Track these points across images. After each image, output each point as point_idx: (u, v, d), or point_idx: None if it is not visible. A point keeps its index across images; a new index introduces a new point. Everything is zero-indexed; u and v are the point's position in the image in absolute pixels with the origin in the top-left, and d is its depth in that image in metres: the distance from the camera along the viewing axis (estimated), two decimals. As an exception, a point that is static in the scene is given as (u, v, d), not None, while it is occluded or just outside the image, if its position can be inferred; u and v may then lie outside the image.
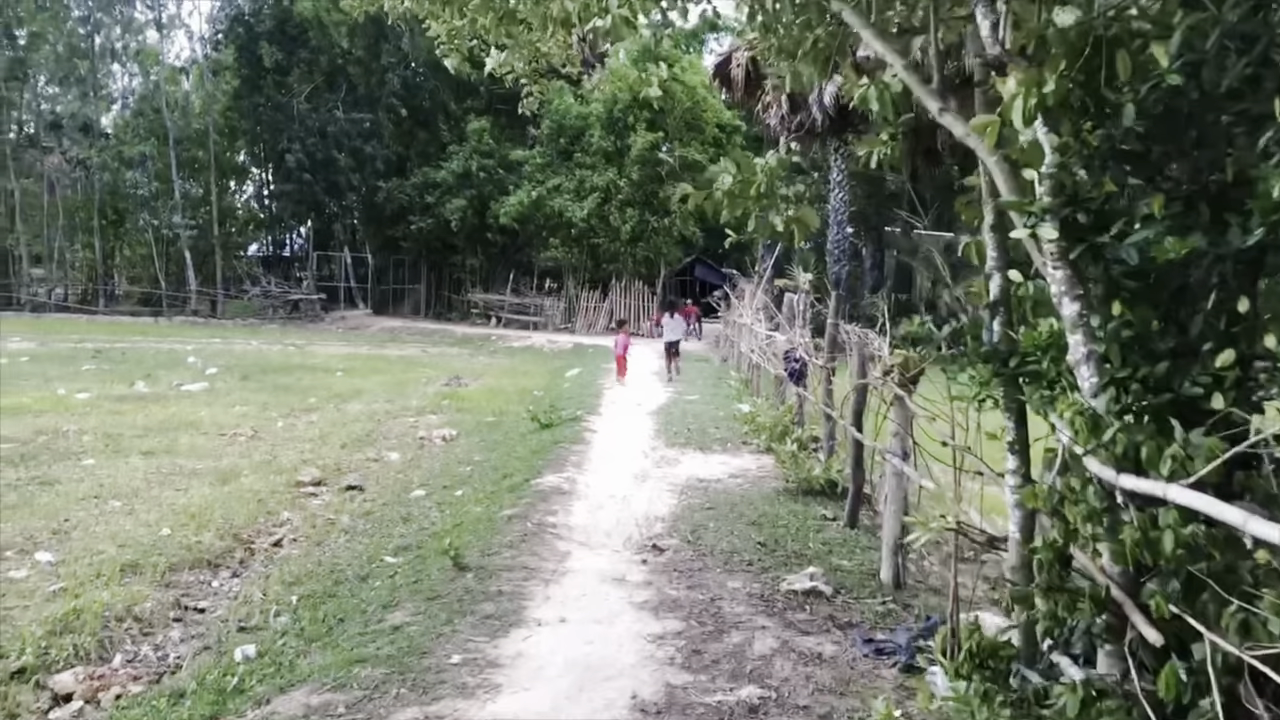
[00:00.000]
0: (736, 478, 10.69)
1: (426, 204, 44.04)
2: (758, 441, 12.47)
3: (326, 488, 11.27)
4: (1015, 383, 4.15)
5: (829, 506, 9.25)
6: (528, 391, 20.45)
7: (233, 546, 8.73)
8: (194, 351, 27.01)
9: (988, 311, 4.40)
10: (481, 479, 11.11)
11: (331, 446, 13.70)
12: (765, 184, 5.26)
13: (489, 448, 13.41)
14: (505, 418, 16.33)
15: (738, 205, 5.37)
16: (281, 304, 46.66)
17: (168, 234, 46.01)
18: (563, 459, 11.52)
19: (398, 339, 38.46)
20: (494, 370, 25.81)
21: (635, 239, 40.60)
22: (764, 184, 5.26)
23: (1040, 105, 3.42)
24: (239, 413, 16.45)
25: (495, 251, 45.71)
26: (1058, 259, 3.63)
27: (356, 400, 18.66)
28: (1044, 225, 3.57)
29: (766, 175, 5.23)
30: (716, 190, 5.45)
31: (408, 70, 44.92)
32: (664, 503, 9.35)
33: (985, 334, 4.40)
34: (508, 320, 43.44)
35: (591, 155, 40.79)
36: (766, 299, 19.11)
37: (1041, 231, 3.58)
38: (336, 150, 44.67)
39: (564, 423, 14.42)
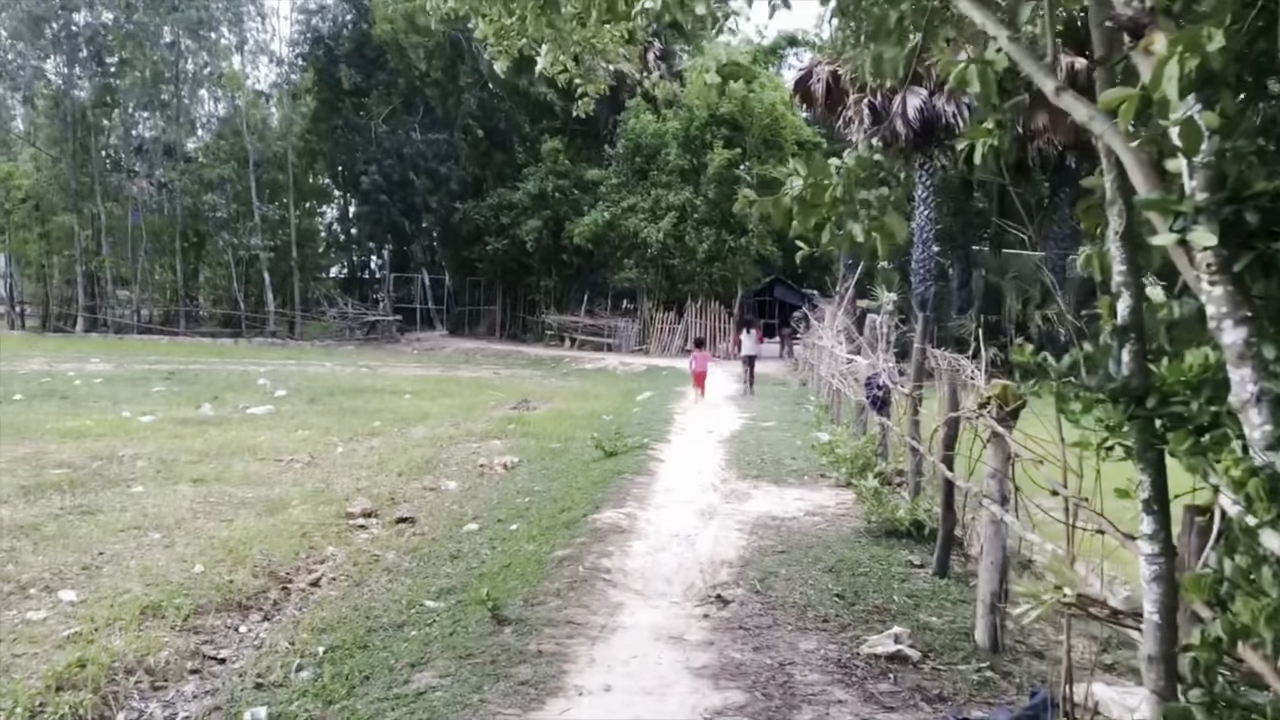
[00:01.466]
0: (813, 515, 9.83)
1: (502, 225, 43.88)
2: (837, 475, 11.59)
3: (377, 520, 10.69)
4: (1153, 428, 3.30)
5: (915, 551, 8.35)
6: (596, 416, 19.79)
7: (267, 586, 8.15)
8: (266, 373, 26.93)
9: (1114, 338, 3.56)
10: (539, 512, 10.43)
11: (388, 474, 13.17)
12: (842, 188, 4.48)
13: (550, 477, 12.74)
14: (570, 444, 15.67)
15: (810, 214, 4.59)
16: (358, 325, 46.85)
17: (246, 256, 46.56)
18: (625, 491, 10.78)
19: (471, 360, 38.20)
20: (564, 393, 25.23)
21: (712, 259, 39.81)
22: (840, 188, 4.47)
23: (1201, 70, 2.59)
24: (300, 437, 16.07)
25: (570, 272, 45.33)
26: (1216, 271, 2.76)
27: (421, 424, 18.20)
28: (1197, 229, 2.72)
29: (844, 178, 4.45)
30: (785, 196, 4.68)
31: (484, 91, 44.91)
32: (732, 544, 8.55)
33: (1112, 365, 3.55)
34: (581, 342, 42.95)
35: (668, 174, 40.18)
36: (847, 320, 18.19)
37: (1194, 237, 2.72)
38: (413, 172, 44.80)
39: (630, 451, 13.70)
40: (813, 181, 4.50)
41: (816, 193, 4.50)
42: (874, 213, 4.49)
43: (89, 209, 44.37)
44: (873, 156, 4.41)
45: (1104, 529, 4.12)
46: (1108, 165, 3.46)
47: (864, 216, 4.50)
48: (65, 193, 44.01)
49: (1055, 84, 3.30)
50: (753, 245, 39.68)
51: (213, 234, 45.80)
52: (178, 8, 42.56)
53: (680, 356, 38.69)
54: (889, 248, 4.63)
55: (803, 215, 4.55)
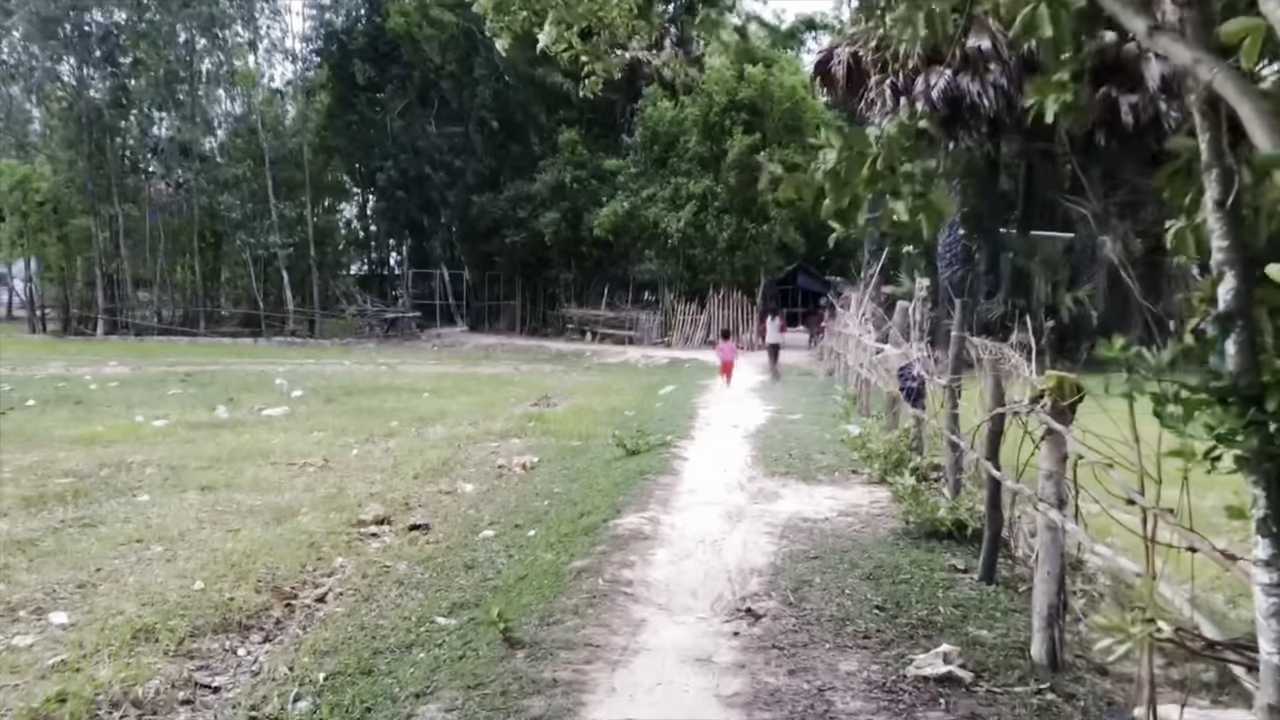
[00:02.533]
0: (846, 516, 9.28)
1: (520, 218, 43.42)
2: (869, 470, 11.03)
3: (390, 527, 10.24)
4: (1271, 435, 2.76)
5: (958, 554, 7.80)
6: (618, 411, 19.29)
7: (270, 603, 7.69)
8: (284, 373, 26.58)
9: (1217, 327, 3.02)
10: (558, 516, 9.93)
11: (403, 478, 12.72)
12: (883, 160, 3.93)
13: (570, 477, 12.24)
14: (591, 441, 15.16)
15: (845, 191, 4.04)
16: (378, 323, 46.55)
17: (264, 255, 46.34)
18: (647, 493, 10.26)
19: (491, 356, 37.78)
20: (585, 388, 24.73)
21: (733, 248, 39.17)
22: (881, 160, 3.93)
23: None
24: (314, 439, 15.66)
25: (590, 265, 44.82)
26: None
27: (439, 423, 17.76)
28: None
29: (885, 148, 3.91)
30: (816, 171, 4.14)
31: (499, 83, 44.42)
32: (761, 550, 8.02)
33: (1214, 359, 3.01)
34: (603, 335, 42.44)
35: (687, 161, 39.54)
36: (875, 307, 17.60)
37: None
38: (429, 166, 44.42)
39: (652, 449, 13.17)
40: (849, 154, 3.95)
41: (853, 166, 3.95)
42: (918, 188, 3.94)
43: (106, 211, 44.27)
44: (917, 124, 3.86)
45: (1198, 547, 3.57)
46: (1204, 123, 2.91)
47: (907, 192, 3.95)
48: (82, 195, 43.89)
49: (1148, 23, 2.75)
50: (775, 233, 39.03)
51: (229, 233, 45.62)
52: (189, 4, 42.27)
53: (703, 348, 38.21)
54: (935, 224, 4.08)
55: (836, 192, 4.01)
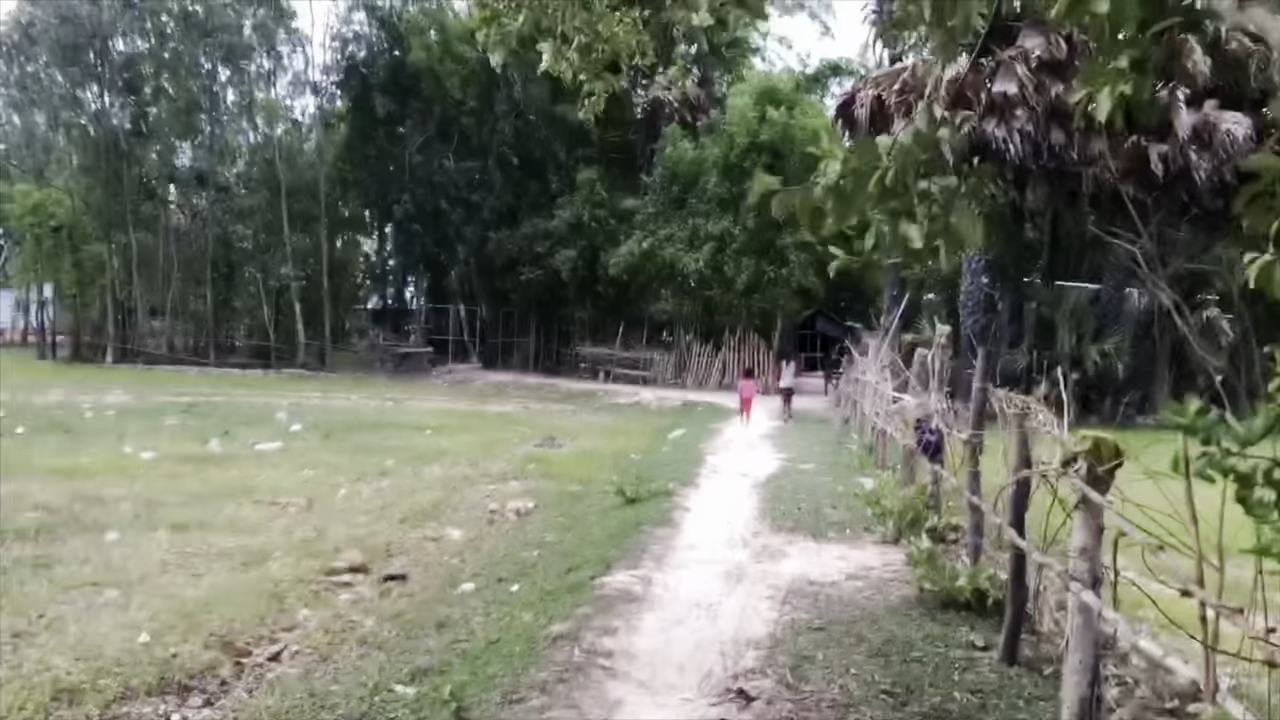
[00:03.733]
0: (856, 579, 8.53)
1: (536, 254, 43.01)
2: (883, 529, 10.28)
3: (365, 576, 9.57)
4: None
5: (977, 627, 7.06)
6: (624, 455, 18.60)
7: (219, 660, 7.01)
8: (287, 406, 26.06)
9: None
10: (545, 570, 9.23)
11: (389, 521, 12.08)
12: (895, 174, 3.28)
13: (565, 526, 11.54)
14: (592, 487, 14.45)
15: (850, 209, 3.39)
16: (389, 357, 46.05)
17: (276, 286, 46.05)
18: (642, 547, 9.54)
19: (501, 394, 37.18)
20: (593, 430, 24.05)
21: (751, 290, 38.52)
22: (892, 175, 3.28)
23: None
24: (303, 477, 15.06)
25: (605, 304, 44.26)
26: None
27: (437, 463, 17.12)
28: None
29: (897, 160, 3.25)
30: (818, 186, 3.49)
31: (519, 119, 44.20)
32: (761, 616, 7.29)
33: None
34: (616, 375, 41.77)
35: (706, 202, 39.05)
36: (894, 354, 16.89)
37: None
38: (445, 201, 44.12)
39: (653, 497, 12.44)
40: (854, 167, 3.29)
41: (859, 182, 3.30)
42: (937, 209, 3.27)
43: (120, 238, 44.11)
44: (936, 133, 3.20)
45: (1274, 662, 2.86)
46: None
47: (923, 214, 3.29)
48: (98, 222, 43.77)
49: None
50: (794, 276, 38.36)
51: (243, 264, 45.37)
52: (211, 34, 42.32)
53: (718, 390, 37.56)
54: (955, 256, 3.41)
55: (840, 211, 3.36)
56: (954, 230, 3.29)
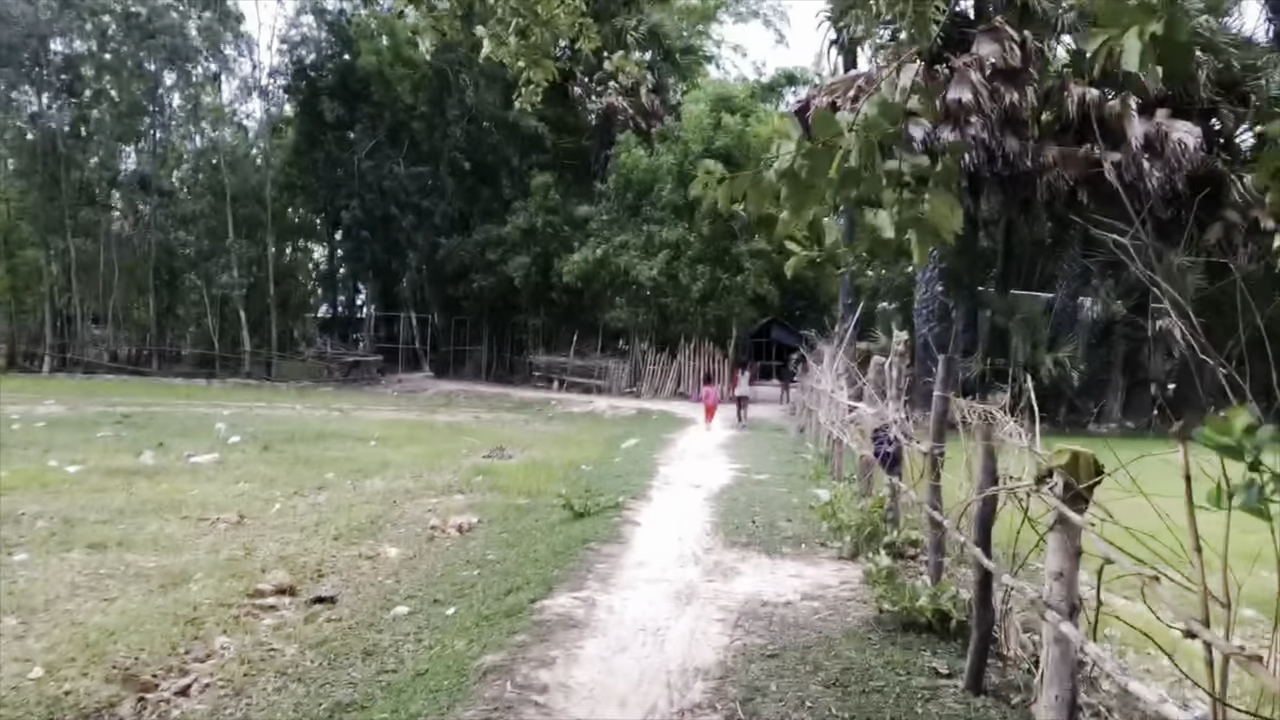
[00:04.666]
0: (812, 599, 8.09)
1: (489, 262, 42.40)
2: (839, 544, 9.86)
3: (291, 599, 8.95)
4: None
5: (940, 652, 6.64)
6: (575, 466, 18.09)
7: (119, 696, 6.41)
8: (228, 417, 25.23)
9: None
10: (484, 591, 8.69)
11: (323, 538, 11.45)
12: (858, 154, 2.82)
13: (508, 543, 11.00)
14: (540, 500, 13.92)
15: (807, 196, 2.93)
16: (337, 366, 45.07)
17: (221, 294, 44.94)
18: (587, 566, 9.03)
19: (452, 403, 36.48)
20: (545, 440, 23.50)
21: (706, 298, 38.20)
22: (856, 154, 2.82)
23: None
24: (237, 491, 14.36)
25: (559, 312, 43.75)
26: None
27: (379, 476, 16.49)
28: None
29: (861, 136, 2.80)
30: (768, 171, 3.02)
31: (471, 124, 43.54)
32: (711, 642, 6.82)
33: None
34: (570, 383, 41.25)
35: (660, 210, 38.67)
36: (849, 362, 16.55)
37: None
38: (395, 207, 43.33)
39: (602, 511, 11.95)
40: (811, 148, 2.83)
41: (818, 164, 2.82)
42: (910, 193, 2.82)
43: (59, 244, 42.73)
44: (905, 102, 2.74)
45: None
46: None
47: (892, 200, 2.83)
48: (35, 226, 42.39)
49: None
50: (749, 284, 38.10)
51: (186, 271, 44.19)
52: (154, 36, 41.17)
53: (673, 399, 37.29)
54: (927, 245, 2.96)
55: (796, 199, 2.89)
56: (928, 217, 2.84)
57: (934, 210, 2.80)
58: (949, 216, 2.79)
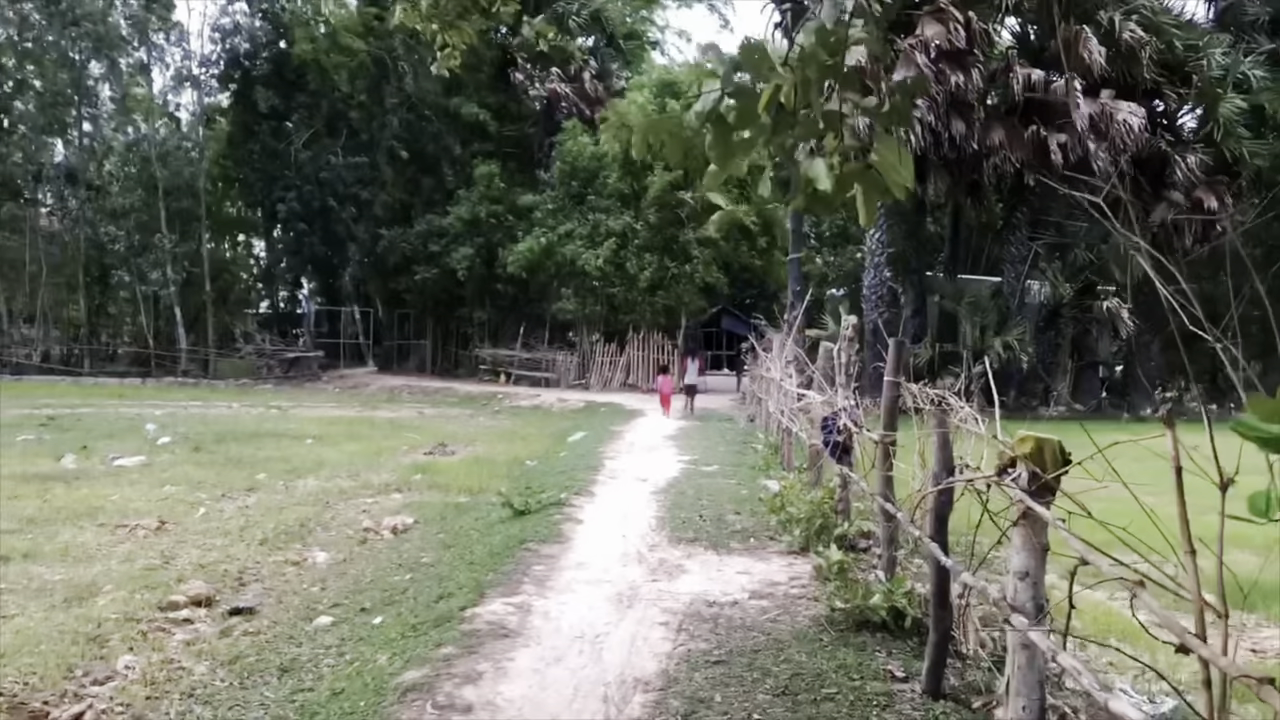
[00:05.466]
0: (760, 598, 7.67)
1: (432, 253, 41.56)
2: (789, 538, 9.47)
3: (208, 611, 8.36)
4: None
5: (895, 652, 6.27)
6: (519, 461, 17.59)
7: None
8: (161, 417, 24.36)
9: None
10: (415, 598, 8.17)
11: (248, 543, 10.84)
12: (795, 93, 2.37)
13: (444, 544, 10.48)
14: (481, 498, 13.40)
15: (735, 147, 2.47)
16: (277, 363, 43.95)
17: (154, 291, 43.60)
18: (524, 569, 8.54)
19: (395, 399, 35.71)
20: (489, 435, 22.93)
21: (654, 287, 37.72)
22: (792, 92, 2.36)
23: None
24: (161, 495, 13.66)
25: (505, 303, 43.03)
26: None
27: (314, 475, 15.84)
28: None
29: (799, 71, 2.34)
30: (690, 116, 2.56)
31: (411, 113, 42.57)
32: (653, 649, 6.37)
33: None
34: (517, 377, 40.60)
35: (606, 198, 38.11)
36: (798, 350, 16.20)
37: None
38: (333, 198, 42.32)
39: (544, 509, 11.46)
40: (739, 86, 2.36)
41: (746, 106, 2.36)
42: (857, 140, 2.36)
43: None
44: (846, 31, 2.28)
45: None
46: None
47: (835, 146, 2.37)
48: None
49: None
50: (698, 273, 37.69)
51: (117, 267, 42.76)
52: (78, 23, 39.71)
53: (622, 391, 36.89)
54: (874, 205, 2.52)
55: (721, 146, 2.42)
56: (875, 170, 2.39)
57: (881, 160, 2.35)
58: (898, 167, 2.34)
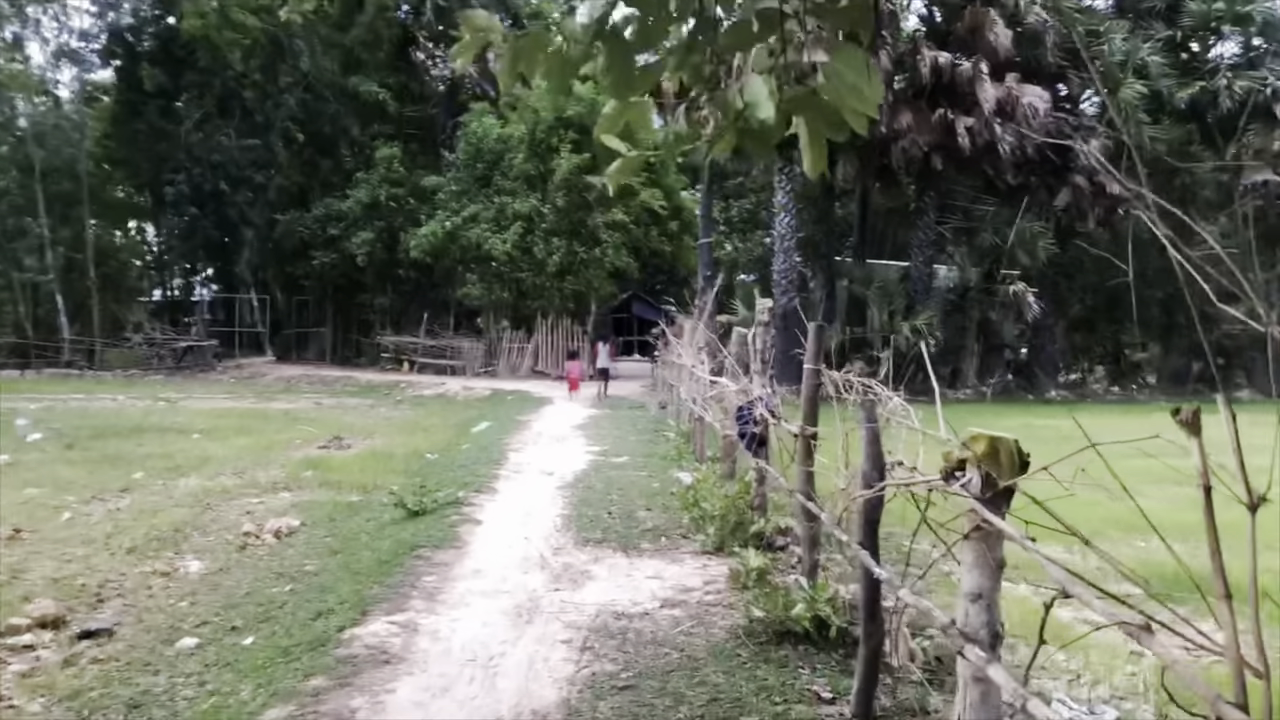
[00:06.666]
0: (673, 606, 7.06)
1: (330, 238, 40.07)
2: (703, 536, 8.88)
3: (55, 634, 7.43)
4: None
5: (820, 667, 5.73)
6: (419, 454, 16.73)
7: None
8: (36, 411, 22.79)
9: None
10: (292, 614, 7.37)
11: (114, 552, 9.86)
12: None
13: (331, 549, 9.65)
14: (374, 496, 12.55)
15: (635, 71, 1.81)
16: (168, 352, 41.96)
17: (31, 279, 41.23)
18: (414, 579, 7.79)
19: (293, 389, 34.30)
20: (390, 426, 21.96)
21: (563, 272, 36.89)
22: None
23: None
24: (23, 498, 12.51)
25: (407, 289, 41.76)
26: None
27: (197, 473, 14.77)
28: None
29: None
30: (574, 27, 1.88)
31: (308, 93, 40.89)
32: (554, 673, 5.70)
33: None
34: (421, 365, 39.43)
35: (513, 180, 37.13)
36: (710, 335, 15.66)
37: None
38: (225, 181, 40.48)
39: (440, 508, 10.69)
40: None
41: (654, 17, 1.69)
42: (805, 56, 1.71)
43: None
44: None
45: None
46: None
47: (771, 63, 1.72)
48: None
49: None
50: (607, 257, 36.96)
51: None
52: (-60, -8, 37.32)
53: (530, 378, 36.16)
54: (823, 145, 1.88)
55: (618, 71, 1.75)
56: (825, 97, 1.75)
57: (837, 78, 1.71)
58: (862, 89, 1.71)
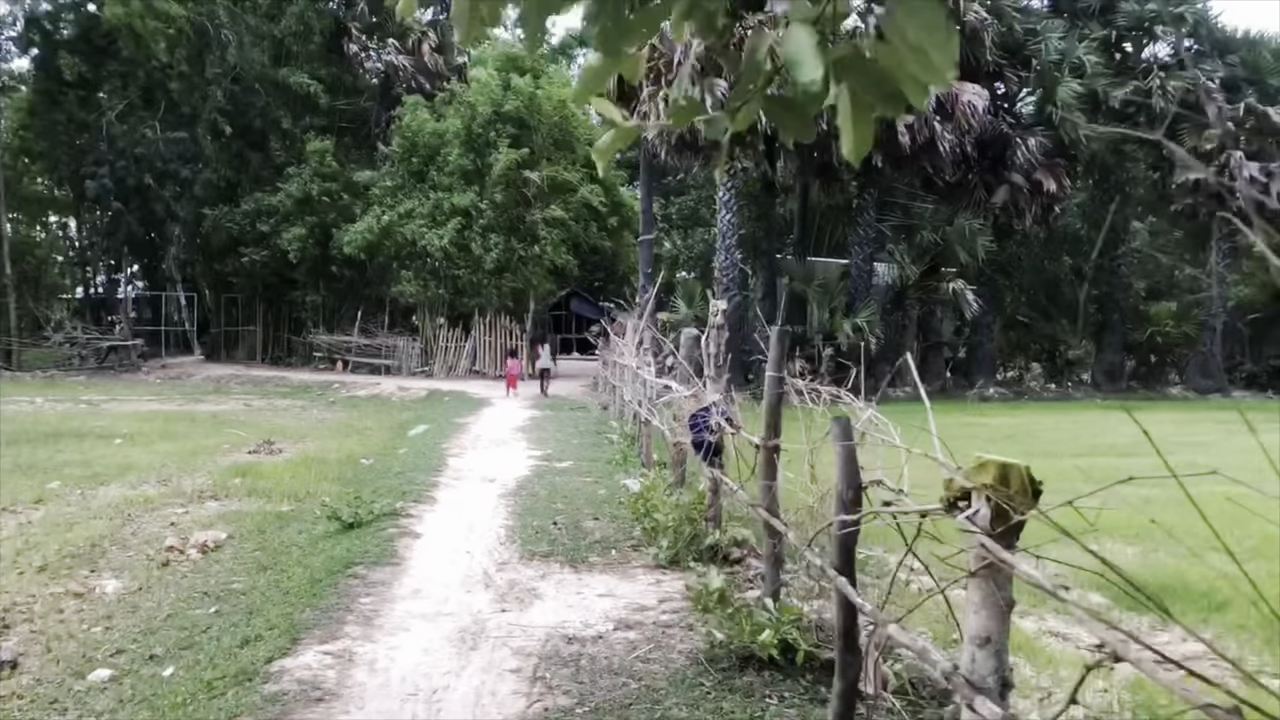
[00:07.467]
0: (628, 628, 6.64)
1: (261, 234, 38.93)
2: (656, 549, 8.47)
3: (-48, 667, 6.81)
4: None
5: (787, 697, 5.37)
6: (354, 460, 16.10)
7: None
8: (-57, 416, 21.71)
9: None
10: (218, 639, 6.82)
11: (23, 570, 9.18)
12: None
13: (260, 565, 9.08)
14: (307, 504, 11.95)
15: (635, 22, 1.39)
16: (91, 352, 40.50)
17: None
18: (349, 601, 7.28)
19: (222, 390, 33.24)
20: (322, 429, 21.24)
21: (501, 269, 36.20)
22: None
23: None
24: (-78, 514, 11.70)
25: (341, 286, 40.75)
26: None
27: (117, 481, 14.01)
28: None
29: None
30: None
31: (236, 84, 39.69)
32: (503, 707, 5.26)
33: None
34: (355, 364, 38.51)
35: (449, 175, 36.38)
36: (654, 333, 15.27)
37: None
38: (150, 175, 39.14)
39: (376, 520, 10.16)
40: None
41: None
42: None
43: None
44: None
45: None
46: None
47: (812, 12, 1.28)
48: None
49: None
50: (546, 254, 36.38)
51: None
52: None
53: (467, 378, 35.53)
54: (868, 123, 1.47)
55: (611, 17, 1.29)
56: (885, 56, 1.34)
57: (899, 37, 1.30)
58: (932, 50, 1.30)
